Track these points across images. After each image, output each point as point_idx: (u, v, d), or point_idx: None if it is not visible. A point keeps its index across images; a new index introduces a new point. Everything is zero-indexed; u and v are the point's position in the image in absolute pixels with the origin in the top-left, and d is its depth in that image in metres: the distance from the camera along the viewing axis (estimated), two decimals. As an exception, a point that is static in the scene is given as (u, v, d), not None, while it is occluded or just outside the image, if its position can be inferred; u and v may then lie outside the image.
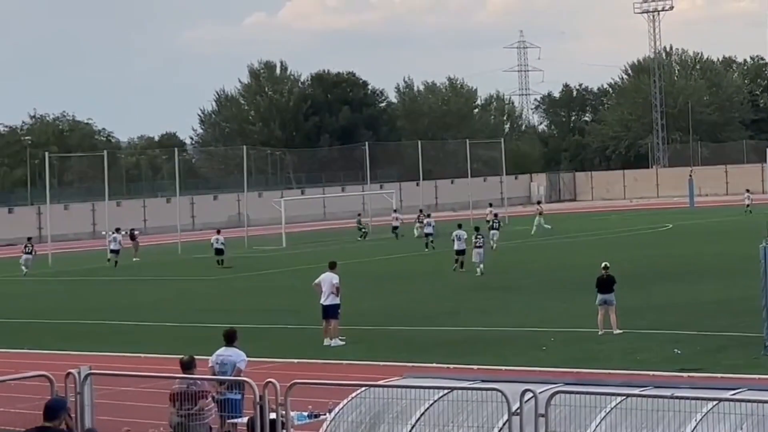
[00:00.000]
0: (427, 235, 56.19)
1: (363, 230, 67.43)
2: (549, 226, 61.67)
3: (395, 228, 66.48)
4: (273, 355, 24.35)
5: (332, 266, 26.65)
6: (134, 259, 58.14)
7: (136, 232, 63.17)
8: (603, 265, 26.05)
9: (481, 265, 40.16)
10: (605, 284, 25.43)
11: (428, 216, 60.74)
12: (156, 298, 39.44)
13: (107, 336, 29.79)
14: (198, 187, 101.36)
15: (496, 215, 58.71)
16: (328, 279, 26.14)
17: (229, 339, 16.36)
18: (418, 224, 65.10)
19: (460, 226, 44.60)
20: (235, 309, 34.05)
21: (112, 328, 31.54)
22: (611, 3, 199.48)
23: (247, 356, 19.74)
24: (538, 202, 72.57)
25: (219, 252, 51.39)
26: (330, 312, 25.89)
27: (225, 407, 14.37)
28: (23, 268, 52.38)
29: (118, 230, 59.02)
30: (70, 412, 10.92)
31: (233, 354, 16.03)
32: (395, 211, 69.20)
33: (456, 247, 42.43)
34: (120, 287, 44.65)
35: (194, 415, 13.62)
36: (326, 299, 25.96)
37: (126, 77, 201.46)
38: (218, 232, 53.68)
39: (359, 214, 73.28)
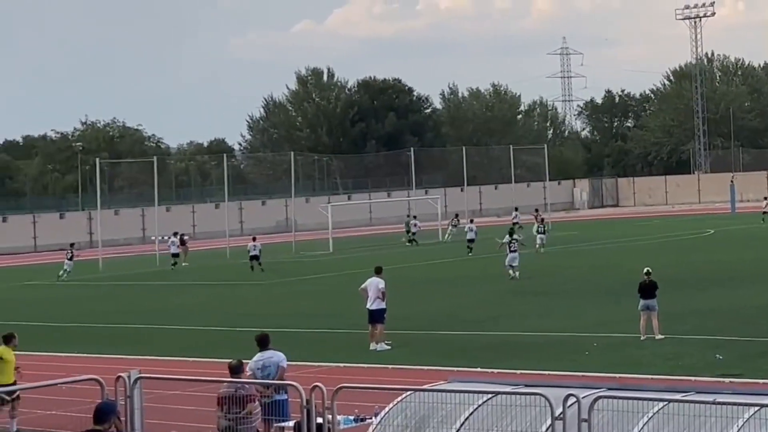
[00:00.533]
0: (469, 240, 56.35)
1: (411, 234, 67.68)
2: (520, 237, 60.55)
3: (413, 234, 66.94)
4: (319, 359, 24.55)
5: (378, 271, 26.85)
6: (183, 264, 58.70)
7: (185, 238, 63.81)
8: (645, 270, 26.02)
9: (517, 272, 40.56)
10: (647, 289, 25.41)
11: (471, 221, 60.88)
12: (205, 303, 39.80)
13: (157, 340, 30.10)
14: (246, 193, 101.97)
15: (542, 219, 58.67)
16: (374, 284, 26.33)
17: (263, 343, 16.50)
18: (451, 228, 65.54)
19: (514, 227, 45.98)
20: (282, 313, 34.32)
21: (162, 332, 31.90)
22: (653, 10, 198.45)
23: (295, 360, 20.02)
24: (536, 210, 71.82)
25: (254, 258, 52.00)
26: (376, 316, 26.08)
27: (273, 410, 14.40)
28: (62, 273, 53.14)
29: (176, 234, 59.88)
30: (120, 415, 11.04)
31: (273, 355, 16.15)
32: (414, 217, 69.74)
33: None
34: (169, 291, 45.10)
35: (242, 418, 13.73)
36: (372, 304, 26.14)
37: (175, 84, 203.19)
38: (254, 239, 54.42)
39: (408, 216, 73.48)
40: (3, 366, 18.80)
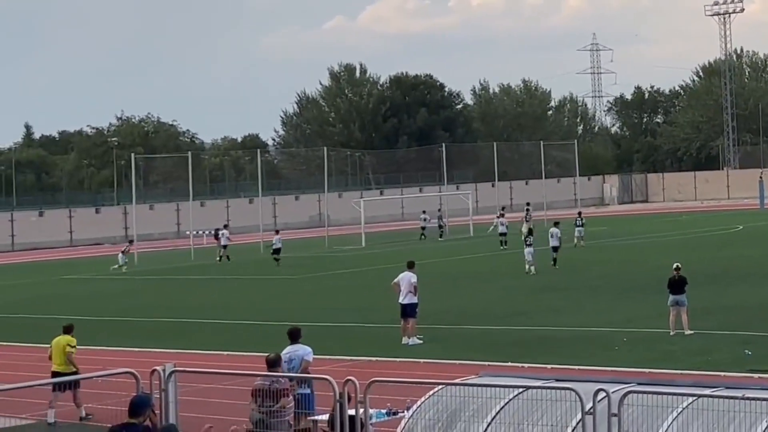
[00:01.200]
0: (501, 234, 56.57)
1: (422, 228, 68.27)
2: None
3: (423, 228, 67.55)
4: (352, 353, 24.75)
5: (410, 266, 27.03)
6: (217, 259, 59.08)
7: (220, 233, 64.21)
8: (675, 266, 26.02)
9: (533, 267, 41.17)
10: (677, 285, 25.41)
11: (503, 216, 61.00)
12: (238, 297, 40.07)
13: (191, 333, 30.34)
14: (280, 188, 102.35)
15: (580, 213, 59.28)
16: (406, 278, 26.51)
17: (294, 337, 16.71)
18: (498, 221, 65.80)
19: (556, 224, 45.84)
20: (315, 307, 34.53)
21: (197, 325, 32.16)
22: (682, 6, 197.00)
23: (327, 354, 20.20)
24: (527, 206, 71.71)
25: (277, 251, 52.35)
26: (408, 311, 26.26)
27: (297, 403, 14.57)
28: (120, 266, 54.38)
29: (226, 227, 60.75)
30: (155, 408, 11.21)
31: (299, 349, 16.32)
32: (423, 212, 70.11)
33: (551, 243, 43.83)
34: (203, 286, 45.43)
35: (275, 412, 13.81)
36: (404, 298, 26.34)
37: (210, 80, 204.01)
38: (277, 232, 55.23)
39: (439, 210, 73.77)
40: (57, 353, 20.00)
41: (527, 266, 41.59)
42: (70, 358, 19.97)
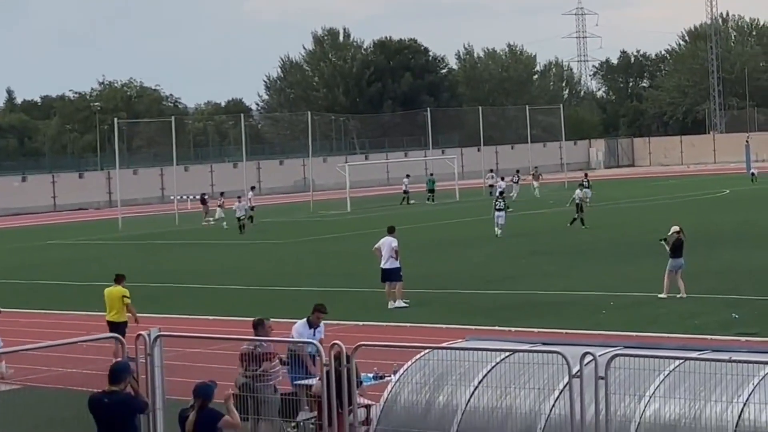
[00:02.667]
0: (500, 194, 57.04)
1: (405, 192, 68.52)
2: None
3: (406, 192, 67.70)
4: (338, 317, 24.72)
5: (391, 231, 27.04)
6: (203, 223, 58.92)
7: (206, 197, 64.04)
8: (678, 228, 25.81)
9: (500, 230, 42.17)
10: (681, 248, 25.33)
11: (502, 178, 62.11)
12: (223, 262, 39.99)
13: (176, 298, 30.30)
14: (264, 153, 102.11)
15: (586, 175, 61.96)
16: (387, 243, 26.57)
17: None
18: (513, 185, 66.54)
19: (582, 186, 47.52)
20: (300, 272, 34.50)
21: (181, 290, 32.11)
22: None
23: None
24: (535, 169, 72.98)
25: (241, 218, 51.87)
26: (391, 275, 26.31)
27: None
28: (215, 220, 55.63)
29: (253, 188, 61.28)
30: (134, 374, 11.15)
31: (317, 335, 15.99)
32: (407, 176, 70.29)
33: (577, 202, 45.23)
34: (188, 251, 45.34)
35: (260, 376, 13.76)
36: (386, 263, 26.40)
37: (193, 44, 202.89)
38: (239, 199, 54.30)
39: (431, 174, 73.85)
40: (110, 303, 20.82)
41: (499, 229, 42.26)
42: (129, 308, 20.73)
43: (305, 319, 16.22)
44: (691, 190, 66.19)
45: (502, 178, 62.68)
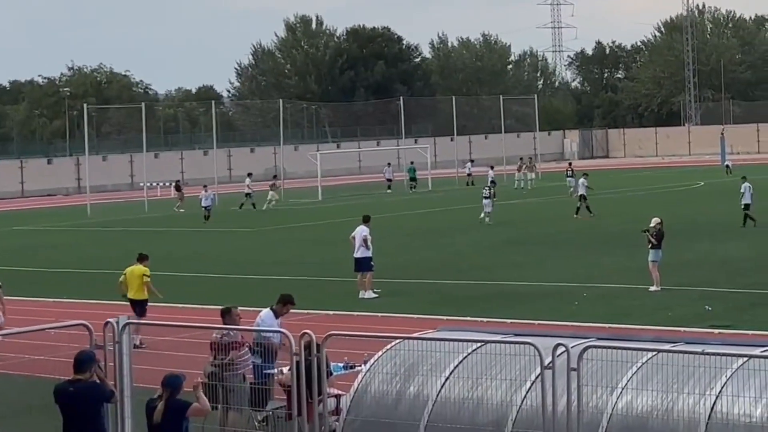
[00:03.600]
0: (492, 183, 57.74)
1: (388, 180, 68.77)
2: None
3: (389, 180, 67.90)
4: (309, 306, 24.58)
5: (366, 220, 26.93)
6: (178, 210, 58.62)
7: (181, 184, 63.65)
8: (659, 220, 25.73)
9: (487, 218, 43.16)
10: (662, 239, 25.26)
11: (491, 167, 63.55)
12: (194, 250, 39.77)
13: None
14: (235, 140, 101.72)
15: (570, 164, 63.94)
16: (359, 232, 26.47)
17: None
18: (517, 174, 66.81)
19: (586, 175, 47.59)
20: (271, 261, 34.33)
21: (152, 278, 31.84)
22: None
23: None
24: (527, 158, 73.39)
25: (208, 208, 51.57)
26: (361, 265, 26.17)
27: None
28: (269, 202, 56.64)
29: (250, 175, 61.19)
30: (100, 363, 11.09)
31: (263, 316, 15.86)
32: (389, 164, 70.41)
33: (581, 192, 45.90)
34: (159, 238, 45.04)
35: (227, 365, 13.66)
36: (357, 252, 26.27)
37: (164, 30, 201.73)
38: (205, 188, 54.03)
39: (412, 162, 73.88)
40: (131, 282, 21.68)
41: (486, 216, 43.14)
42: (149, 286, 21.63)
43: (269, 309, 16.01)
44: (665, 181, 66.41)
45: (492, 167, 63.62)
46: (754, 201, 38.69)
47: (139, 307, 21.03)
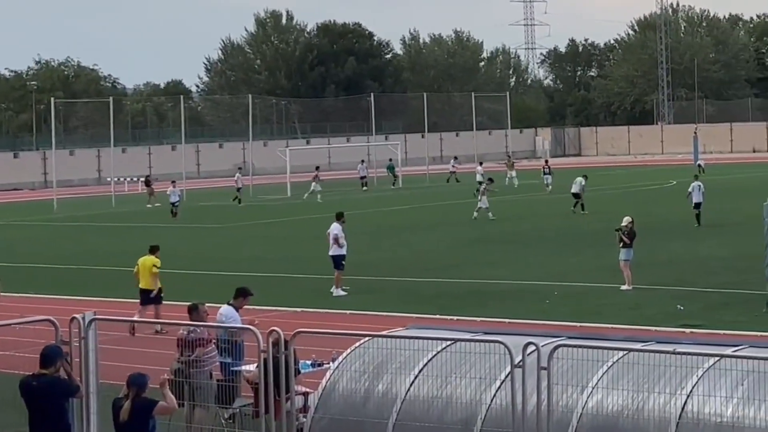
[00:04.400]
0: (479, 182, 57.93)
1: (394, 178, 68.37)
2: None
3: (363, 177, 67.95)
4: (276, 303, 24.44)
5: (337, 217, 26.73)
6: (149, 206, 58.30)
7: (151, 179, 63.24)
8: (631, 219, 25.68)
9: (491, 214, 43.28)
10: (633, 238, 25.23)
11: (480, 163, 64.62)
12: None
13: (113, 282, 29.87)
14: (203, 135, 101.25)
15: (546, 161, 64.60)
16: (330, 230, 26.31)
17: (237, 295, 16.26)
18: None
19: (585, 177, 47.20)
20: (240, 257, 34.13)
21: (118, 274, 31.61)
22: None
23: (251, 305, 19.82)
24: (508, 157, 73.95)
25: (175, 204, 51.31)
26: (332, 262, 26.00)
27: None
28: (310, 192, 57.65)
29: (240, 169, 61.93)
30: (67, 357, 11.08)
31: (223, 313, 15.83)
32: (363, 162, 70.38)
33: (573, 190, 45.93)
34: (125, 233, 44.74)
35: (193, 362, 13.56)
36: (330, 249, 26.12)
37: (132, 23, 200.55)
38: (173, 183, 53.69)
39: (391, 159, 73.74)
40: (143, 272, 22.72)
41: (490, 213, 43.28)
42: (155, 277, 22.52)
43: (229, 305, 15.89)
44: (638, 180, 66.62)
45: (480, 163, 64.28)
46: (705, 200, 39.30)
47: (149, 297, 21.65)
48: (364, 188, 67.15)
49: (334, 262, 26.06)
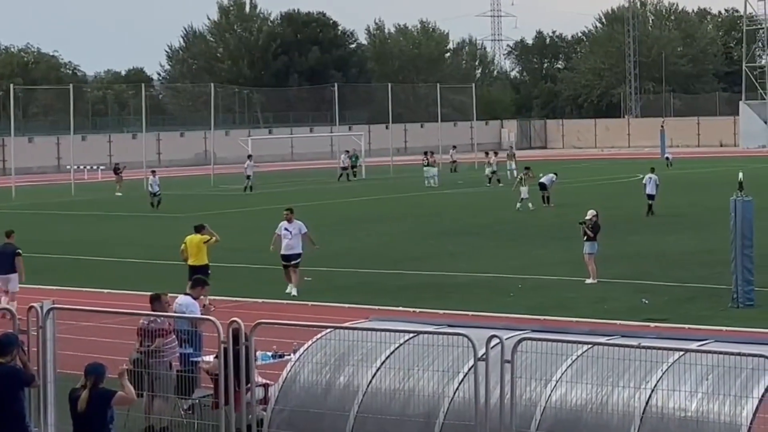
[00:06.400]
0: (493, 173, 58.87)
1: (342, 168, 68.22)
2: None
3: (344, 168, 67.52)
4: (237, 293, 24.23)
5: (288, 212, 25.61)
6: (117, 194, 57.78)
7: (119, 167, 62.65)
8: (595, 212, 25.64)
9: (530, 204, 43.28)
10: (598, 232, 25.20)
11: (495, 153, 64.06)
12: (120, 234, 39.18)
13: (71, 271, 29.63)
14: (164, 124, 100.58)
15: (514, 154, 66.08)
16: (292, 227, 25.14)
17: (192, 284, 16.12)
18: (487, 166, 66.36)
19: (556, 174, 46.78)
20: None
21: (77, 262, 31.31)
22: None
23: (211, 295, 19.63)
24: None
25: (156, 194, 50.19)
26: (296, 260, 24.98)
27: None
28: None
29: (250, 157, 61.06)
30: (23, 346, 11.01)
31: (182, 303, 15.60)
32: (346, 152, 69.99)
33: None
34: (84, 222, 44.35)
35: (153, 352, 13.50)
36: (297, 247, 25.02)
37: (93, 10, 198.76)
38: (153, 173, 52.38)
39: (347, 151, 73.45)
40: (191, 249, 23.31)
41: (530, 204, 43.08)
42: (203, 252, 23.19)
43: (187, 295, 15.73)
44: (604, 173, 66.79)
45: (496, 153, 64.16)
46: (659, 193, 39.87)
47: (200, 272, 21.25)
48: (348, 181, 66.12)
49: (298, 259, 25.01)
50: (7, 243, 23.74)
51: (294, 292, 24.36)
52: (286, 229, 24.85)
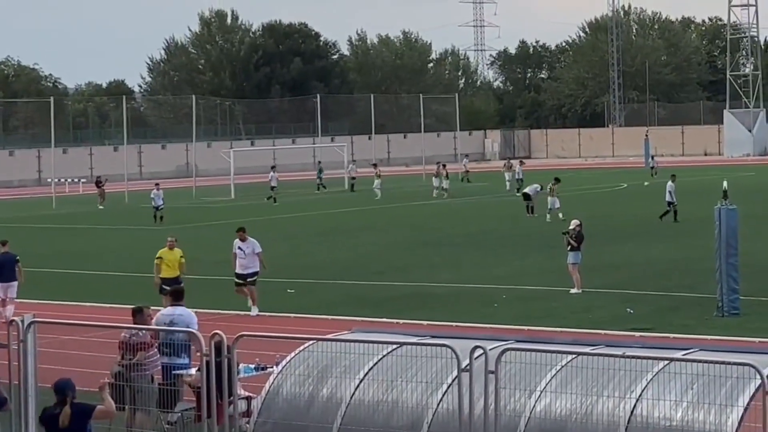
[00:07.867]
0: (519, 180, 58.37)
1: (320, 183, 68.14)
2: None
3: (353, 179, 67.85)
4: (219, 306, 24.11)
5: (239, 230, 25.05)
6: (100, 207, 57.53)
7: (102, 179, 62.40)
8: (579, 222, 25.59)
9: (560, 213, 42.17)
10: (582, 241, 25.15)
11: (521, 162, 64.15)
12: (104, 247, 39.00)
13: (52, 284, 29.45)
14: (146, 136, 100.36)
15: (511, 165, 65.32)
16: (247, 246, 24.45)
17: (177, 297, 15.96)
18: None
19: (541, 186, 46.37)
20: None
21: (58, 276, 31.13)
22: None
23: (193, 307, 19.50)
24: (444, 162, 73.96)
25: (158, 208, 49.54)
26: (252, 279, 24.20)
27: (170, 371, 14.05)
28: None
29: (273, 168, 62.31)
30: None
31: (183, 313, 15.50)
32: (354, 161, 70.25)
33: (526, 190, 45.60)
34: (66, 234, 44.16)
35: (134, 365, 13.44)
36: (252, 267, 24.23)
37: (74, 22, 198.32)
38: (157, 185, 51.25)
39: (320, 162, 73.57)
40: (172, 264, 23.96)
41: (560, 214, 42.03)
42: (182, 268, 23.66)
43: (169, 308, 15.65)
44: (588, 183, 66.82)
45: (521, 162, 63.86)
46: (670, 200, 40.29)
47: (175, 283, 21.52)
48: (318, 190, 66.35)
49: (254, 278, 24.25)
50: (5, 252, 23.80)
51: (254, 312, 23.57)
52: (239, 248, 24.25)
